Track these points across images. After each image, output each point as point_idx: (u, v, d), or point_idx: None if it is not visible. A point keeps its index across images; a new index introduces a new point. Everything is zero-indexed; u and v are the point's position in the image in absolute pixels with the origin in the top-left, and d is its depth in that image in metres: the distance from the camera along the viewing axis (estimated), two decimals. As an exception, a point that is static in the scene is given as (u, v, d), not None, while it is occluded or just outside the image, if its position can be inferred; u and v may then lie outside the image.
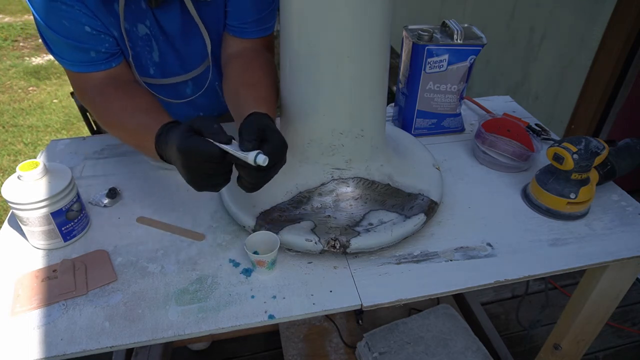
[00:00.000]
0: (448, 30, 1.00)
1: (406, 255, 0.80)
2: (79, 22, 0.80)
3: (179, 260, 0.78)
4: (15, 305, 0.70)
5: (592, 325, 1.00)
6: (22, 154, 2.66)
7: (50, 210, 0.75)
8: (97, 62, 0.85)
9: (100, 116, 0.87)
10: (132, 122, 0.79)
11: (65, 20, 0.79)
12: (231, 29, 0.94)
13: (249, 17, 0.92)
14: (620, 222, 0.87)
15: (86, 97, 0.88)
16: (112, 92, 0.85)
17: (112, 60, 0.87)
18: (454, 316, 1.38)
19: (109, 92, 0.85)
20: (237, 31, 0.94)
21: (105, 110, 0.85)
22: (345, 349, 1.38)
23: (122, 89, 0.86)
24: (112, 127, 0.85)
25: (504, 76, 2.31)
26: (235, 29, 0.94)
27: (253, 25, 0.93)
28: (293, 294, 0.73)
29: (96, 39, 0.83)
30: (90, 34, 0.82)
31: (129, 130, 0.80)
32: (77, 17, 0.79)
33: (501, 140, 1.00)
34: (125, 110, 0.82)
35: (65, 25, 0.79)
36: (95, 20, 0.81)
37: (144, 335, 0.67)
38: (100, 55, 0.85)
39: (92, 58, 0.84)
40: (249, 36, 0.95)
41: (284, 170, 0.81)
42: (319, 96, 0.78)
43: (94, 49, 0.84)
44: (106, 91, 0.85)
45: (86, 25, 0.81)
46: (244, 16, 0.92)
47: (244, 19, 0.92)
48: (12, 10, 4.83)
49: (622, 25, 1.60)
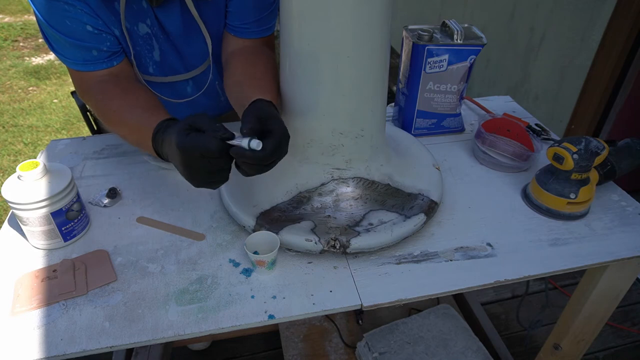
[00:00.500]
0: (448, 30, 1.00)
1: (406, 255, 0.80)
2: (81, 22, 0.80)
3: (179, 260, 0.78)
4: (15, 305, 0.70)
5: (592, 325, 1.00)
6: (22, 154, 2.66)
7: (50, 210, 0.75)
8: (99, 61, 0.86)
9: (101, 113, 0.87)
10: (131, 119, 0.79)
11: (67, 19, 0.79)
12: (232, 29, 0.95)
13: (250, 18, 0.93)
14: (620, 222, 0.87)
15: (87, 94, 0.89)
16: (112, 88, 0.85)
17: (114, 59, 0.87)
18: (454, 316, 1.38)
19: (109, 89, 0.86)
20: (238, 31, 0.95)
21: (105, 107, 0.85)
22: (345, 349, 1.38)
23: (122, 86, 0.86)
24: (113, 123, 0.85)
25: (504, 76, 2.31)
26: (236, 29, 0.94)
27: (254, 25, 0.94)
28: (293, 294, 0.73)
29: (98, 38, 0.83)
30: (92, 33, 0.82)
31: (128, 126, 0.81)
32: (78, 17, 0.80)
33: (501, 140, 1.00)
34: (124, 107, 0.82)
35: (67, 24, 0.80)
36: (96, 19, 0.82)
37: (144, 335, 0.67)
38: (102, 53, 0.85)
39: (94, 57, 0.85)
40: (250, 36, 0.95)
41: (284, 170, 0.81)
42: (319, 96, 0.78)
43: (96, 47, 0.84)
44: (107, 88, 0.86)
45: (88, 25, 0.81)
46: (245, 17, 0.92)
47: (245, 20, 0.93)
48: (12, 10, 4.83)
49: (622, 25, 1.60)
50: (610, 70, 1.68)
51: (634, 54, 1.65)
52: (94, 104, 0.88)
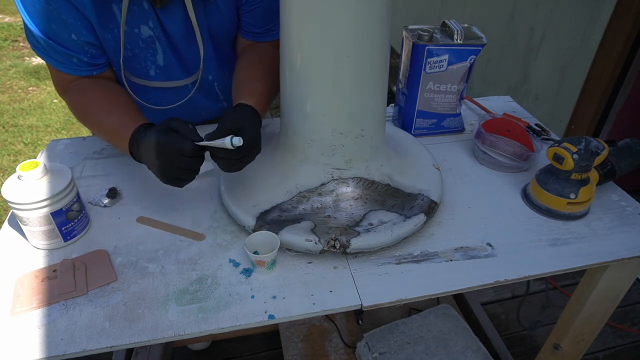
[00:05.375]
0: (448, 30, 1.00)
1: (406, 255, 0.80)
2: (66, 29, 0.82)
3: (179, 260, 0.78)
4: (15, 305, 0.70)
5: (592, 325, 1.00)
6: (22, 154, 2.66)
7: (51, 210, 0.75)
8: (79, 68, 0.88)
9: (78, 113, 0.90)
10: (109, 120, 0.84)
11: (54, 24, 0.81)
12: (244, 33, 0.99)
13: (262, 27, 0.97)
14: (620, 222, 0.87)
15: (65, 94, 0.91)
16: (91, 89, 0.89)
17: (94, 70, 0.90)
18: (454, 316, 1.38)
19: (88, 89, 0.89)
20: (248, 35, 0.99)
21: (83, 107, 0.89)
22: (345, 349, 1.38)
23: (100, 88, 0.89)
24: (89, 124, 0.90)
25: (504, 76, 2.31)
26: (246, 33, 0.98)
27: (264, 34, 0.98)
28: (293, 294, 0.73)
29: (80, 48, 0.86)
30: (76, 42, 0.84)
31: (105, 127, 0.85)
32: (65, 24, 0.81)
33: (501, 140, 1.00)
34: (102, 108, 0.86)
35: (53, 28, 0.82)
36: (82, 30, 0.83)
37: (144, 335, 0.67)
38: (82, 63, 0.88)
39: (74, 63, 0.87)
40: (257, 39, 0.99)
41: (284, 170, 0.81)
42: (319, 96, 0.78)
43: (77, 56, 0.86)
44: (85, 89, 0.88)
45: (73, 34, 0.83)
46: (258, 26, 0.97)
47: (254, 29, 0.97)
48: (12, 11, 4.83)
49: (622, 25, 1.60)
50: (610, 70, 1.68)
51: (634, 54, 1.65)
52: (71, 103, 0.91)
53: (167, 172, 0.73)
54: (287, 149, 0.86)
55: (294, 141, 0.84)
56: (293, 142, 0.84)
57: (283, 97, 0.84)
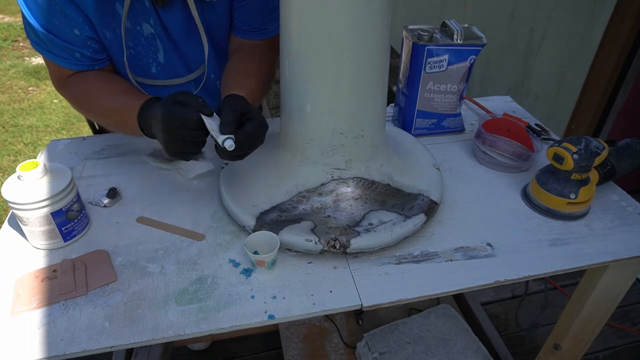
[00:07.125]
0: (448, 30, 1.00)
1: (406, 255, 0.80)
2: (69, 24, 0.82)
3: (179, 260, 0.78)
4: (15, 305, 0.70)
5: (592, 325, 1.00)
6: (22, 154, 2.66)
7: (51, 210, 0.75)
8: (81, 63, 0.88)
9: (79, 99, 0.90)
10: (112, 102, 0.84)
11: (56, 19, 0.81)
12: (235, 31, 0.98)
13: (251, 25, 0.96)
14: (620, 222, 0.87)
15: (64, 87, 0.91)
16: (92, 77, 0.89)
17: (96, 64, 0.90)
18: (454, 316, 1.38)
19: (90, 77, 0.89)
20: (239, 32, 0.98)
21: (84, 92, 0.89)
22: (345, 349, 1.38)
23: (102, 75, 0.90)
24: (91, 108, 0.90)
25: (504, 76, 2.31)
26: (238, 31, 0.98)
27: (255, 31, 0.98)
28: (293, 294, 0.73)
29: (83, 43, 0.85)
30: (78, 37, 0.84)
31: (109, 109, 0.85)
32: (67, 19, 0.81)
33: (501, 140, 1.00)
34: (104, 92, 0.86)
35: (55, 23, 0.81)
36: (84, 25, 0.83)
37: (144, 335, 0.67)
38: (84, 58, 0.87)
39: (77, 58, 0.87)
40: (250, 37, 0.99)
41: (284, 170, 0.81)
42: (319, 96, 0.78)
43: (79, 51, 0.86)
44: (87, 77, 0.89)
45: (75, 29, 0.83)
46: (247, 23, 0.96)
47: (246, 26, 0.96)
48: (12, 10, 4.83)
49: (622, 25, 1.60)
50: (610, 70, 1.68)
51: (634, 54, 1.65)
52: (71, 94, 0.91)
53: (172, 144, 0.72)
54: (287, 149, 0.86)
55: (293, 141, 0.84)
56: (293, 142, 0.84)
57: (283, 96, 0.84)
